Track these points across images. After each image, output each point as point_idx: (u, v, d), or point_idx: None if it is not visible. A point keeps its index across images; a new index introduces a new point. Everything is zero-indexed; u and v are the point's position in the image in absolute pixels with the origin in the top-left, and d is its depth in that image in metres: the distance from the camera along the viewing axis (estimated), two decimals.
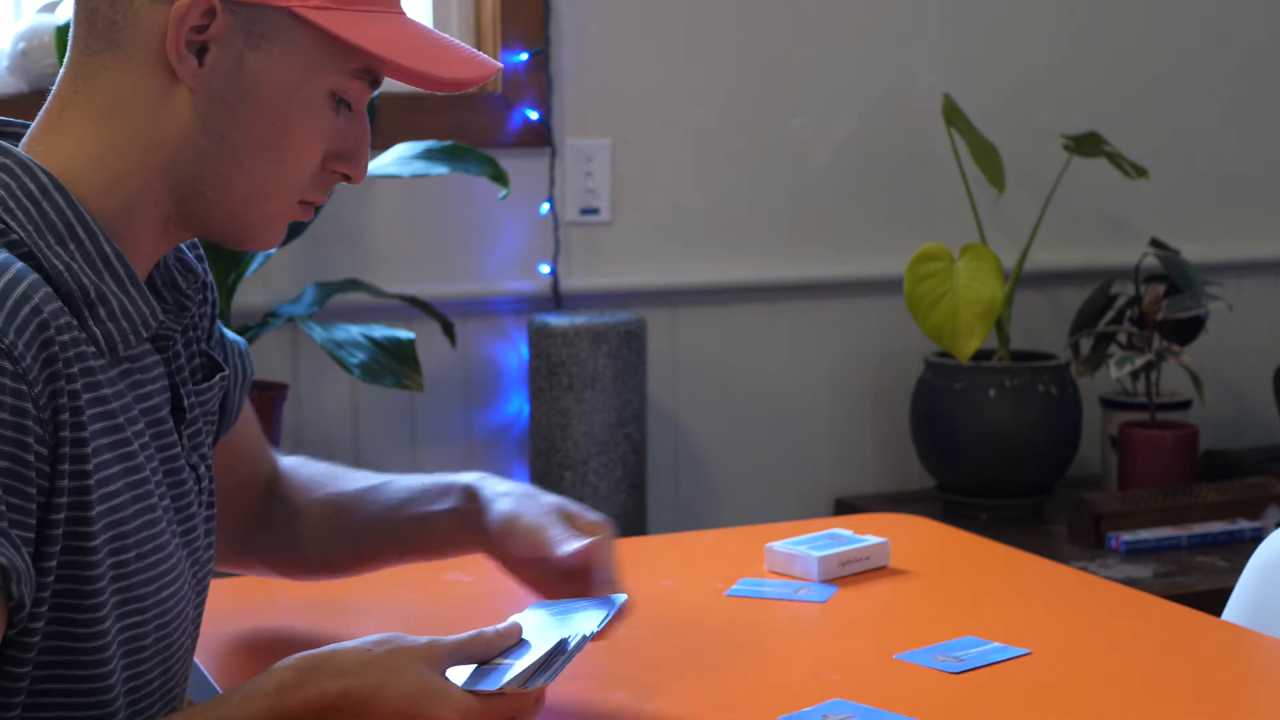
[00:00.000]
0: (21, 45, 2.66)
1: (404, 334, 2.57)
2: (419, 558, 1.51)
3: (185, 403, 1.25)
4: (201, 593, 1.28)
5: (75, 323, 1.13)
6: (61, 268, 1.13)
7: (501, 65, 1.26)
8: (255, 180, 1.19)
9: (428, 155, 2.58)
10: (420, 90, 3.12)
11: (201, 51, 1.16)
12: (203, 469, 1.27)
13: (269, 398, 2.61)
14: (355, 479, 1.51)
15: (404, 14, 1.23)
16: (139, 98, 1.16)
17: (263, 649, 1.43)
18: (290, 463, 1.53)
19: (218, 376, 1.29)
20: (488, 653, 1.19)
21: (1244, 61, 3.45)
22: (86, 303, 1.14)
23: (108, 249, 1.15)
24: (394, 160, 2.59)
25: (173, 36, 1.15)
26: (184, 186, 1.19)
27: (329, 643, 1.18)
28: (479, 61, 1.24)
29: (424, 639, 1.18)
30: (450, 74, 1.22)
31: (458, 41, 1.25)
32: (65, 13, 2.59)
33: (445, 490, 1.46)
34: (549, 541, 1.37)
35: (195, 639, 1.28)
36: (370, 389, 2.84)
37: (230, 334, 1.37)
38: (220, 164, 1.18)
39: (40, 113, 1.20)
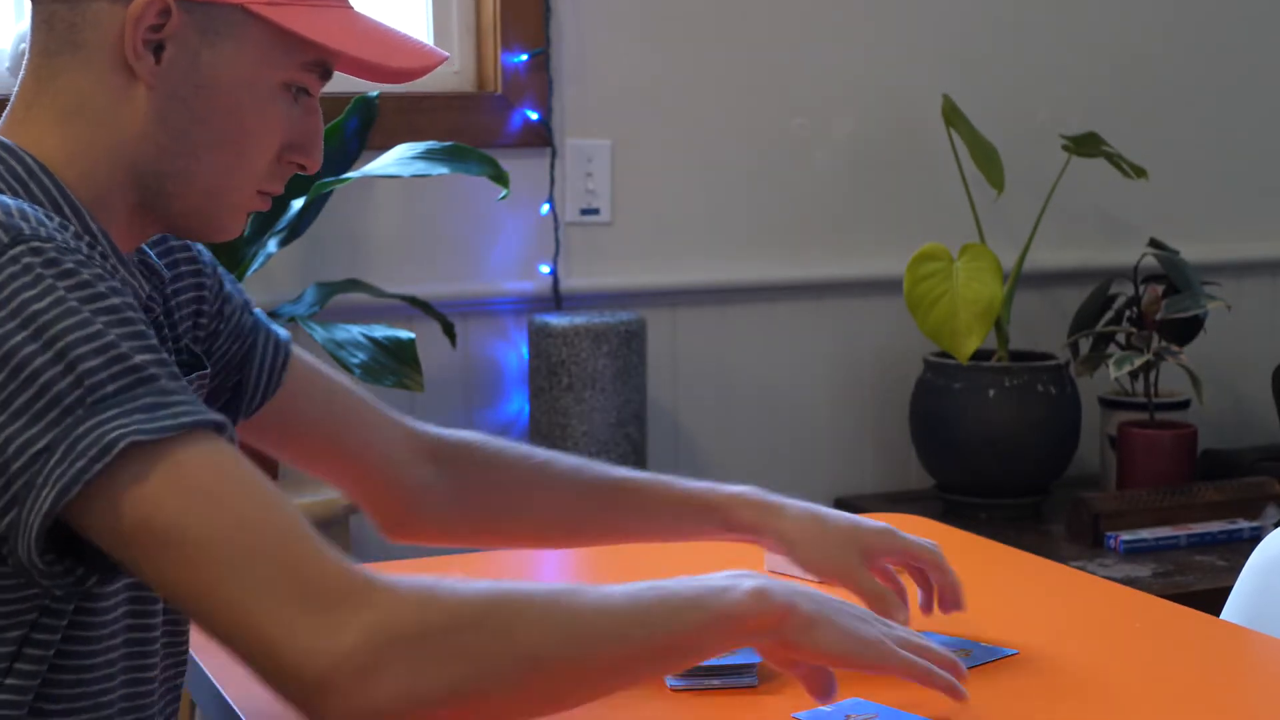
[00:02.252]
0: (24, 45, 2.67)
1: (404, 334, 2.58)
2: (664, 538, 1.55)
3: None
4: None
5: None
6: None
7: (448, 55, 1.29)
8: (215, 173, 1.21)
9: (428, 155, 2.58)
10: (420, 90, 3.13)
11: (158, 50, 1.18)
12: None
13: None
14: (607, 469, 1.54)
15: (351, 7, 1.25)
16: (100, 97, 1.19)
17: None
18: (474, 435, 1.54)
19: (194, 374, 1.30)
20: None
21: (1243, 62, 3.45)
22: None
23: (94, 226, 1.17)
24: (394, 160, 2.59)
25: (130, 36, 1.17)
26: (148, 182, 1.21)
27: None
28: (425, 51, 1.27)
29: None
30: (400, 63, 1.25)
31: (403, 32, 1.28)
32: None
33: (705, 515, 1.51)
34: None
35: None
36: (370, 389, 2.84)
37: (262, 318, 1.41)
38: (181, 159, 1.20)
39: (4, 113, 1.22)
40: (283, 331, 1.42)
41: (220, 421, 1.08)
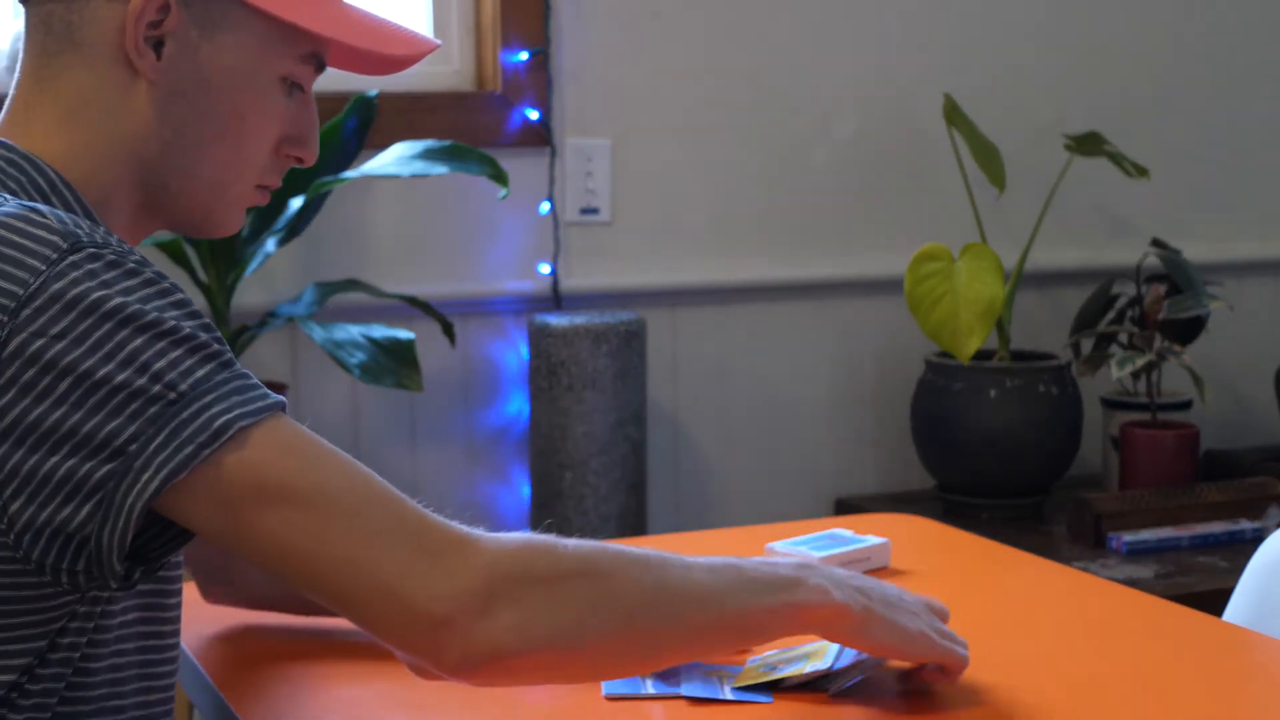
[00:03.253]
0: (19, 46, 2.66)
1: (404, 334, 2.57)
2: None
3: None
4: None
5: None
6: None
7: (439, 43, 1.33)
8: (216, 168, 1.22)
9: (428, 155, 2.58)
10: (420, 90, 3.13)
11: (158, 46, 1.19)
12: None
13: None
14: None
15: None
16: (103, 95, 1.19)
17: (260, 648, 1.43)
18: None
19: None
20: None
21: (1244, 62, 3.45)
22: None
23: (102, 227, 1.17)
24: (394, 160, 2.59)
25: (131, 32, 1.17)
26: (150, 178, 1.21)
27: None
28: (417, 40, 1.29)
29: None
30: (394, 51, 1.27)
31: (391, 21, 1.29)
32: None
33: None
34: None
35: None
36: (370, 389, 2.84)
37: None
38: (183, 154, 1.21)
39: (1, 115, 1.22)
40: None
41: (286, 404, 1.13)
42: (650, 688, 1.32)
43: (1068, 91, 3.31)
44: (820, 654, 1.33)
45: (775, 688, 1.31)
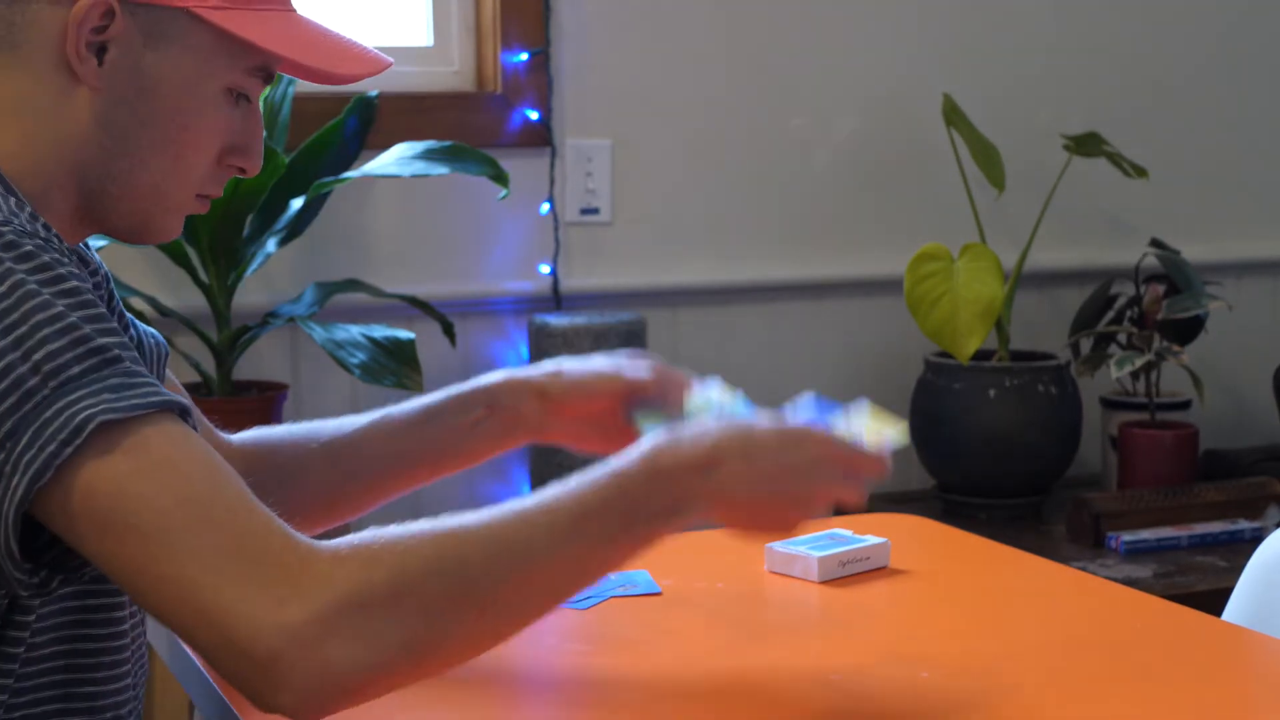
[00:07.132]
0: None
1: (404, 334, 2.57)
2: (448, 469, 1.51)
3: None
4: None
5: None
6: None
7: (392, 61, 1.31)
8: (157, 176, 1.21)
9: (428, 155, 2.58)
10: (420, 90, 3.12)
11: (101, 51, 1.17)
12: None
13: (269, 398, 2.61)
14: (349, 419, 1.50)
15: (295, 11, 1.25)
16: (41, 97, 1.18)
17: None
18: (254, 432, 1.50)
19: None
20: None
21: (1244, 62, 3.45)
22: None
23: (40, 221, 1.16)
24: (394, 160, 2.59)
25: (72, 38, 1.16)
26: (89, 183, 1.20)
27: None
28: (370, 58, 1.27)
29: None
30: (345, 70, 1.25)
31: (345, 37, 1.28)
32: None
33: (467, 400, 1.49)
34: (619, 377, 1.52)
35: None
36: (370, 389, 2.84)
37: (140, 324, 1.37)
38: (123, 161, 1.20)
39: None
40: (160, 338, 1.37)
41: (185, 405, 1.09)
42: None
43: (1067, 92, 3.31)
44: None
45: None
